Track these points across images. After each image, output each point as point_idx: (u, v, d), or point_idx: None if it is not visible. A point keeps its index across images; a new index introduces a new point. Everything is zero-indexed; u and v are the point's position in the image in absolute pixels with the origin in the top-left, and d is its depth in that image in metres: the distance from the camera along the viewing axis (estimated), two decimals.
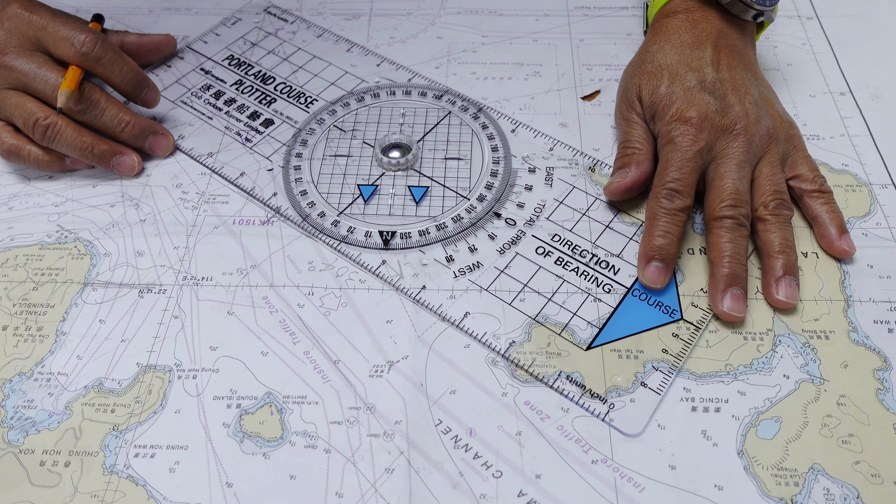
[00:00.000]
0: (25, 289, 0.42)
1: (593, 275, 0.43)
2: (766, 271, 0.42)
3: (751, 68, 0.48)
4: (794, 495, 0.35)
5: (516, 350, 0.40)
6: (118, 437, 0.37)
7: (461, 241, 0.45)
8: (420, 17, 0.60)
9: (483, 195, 0.47)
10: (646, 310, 0.41)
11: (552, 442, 0.37)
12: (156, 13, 0.60)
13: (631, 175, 0.45)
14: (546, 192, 0.47)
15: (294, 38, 0.58)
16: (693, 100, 0.44)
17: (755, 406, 0.38)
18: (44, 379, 0.39)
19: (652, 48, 0.49)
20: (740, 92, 0.45)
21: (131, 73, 0.48)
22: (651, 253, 0.42)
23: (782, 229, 0.42)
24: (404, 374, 0.39)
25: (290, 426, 0.37)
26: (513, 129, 0.51)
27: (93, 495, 0.35)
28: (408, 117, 0.52)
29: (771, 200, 0.43)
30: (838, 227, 0.44)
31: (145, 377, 0.39)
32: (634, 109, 0.48)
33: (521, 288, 0.42)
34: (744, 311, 0.40)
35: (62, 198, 0.47)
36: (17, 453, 0.36)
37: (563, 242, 0.44)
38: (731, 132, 0.44)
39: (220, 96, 0.53)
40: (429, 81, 0.54)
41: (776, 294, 0.41)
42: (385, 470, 0.36)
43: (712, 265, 0.41)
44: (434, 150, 0.50)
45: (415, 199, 0.47)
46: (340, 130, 0.51)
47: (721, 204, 0.42)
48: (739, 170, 0.43)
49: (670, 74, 0.46)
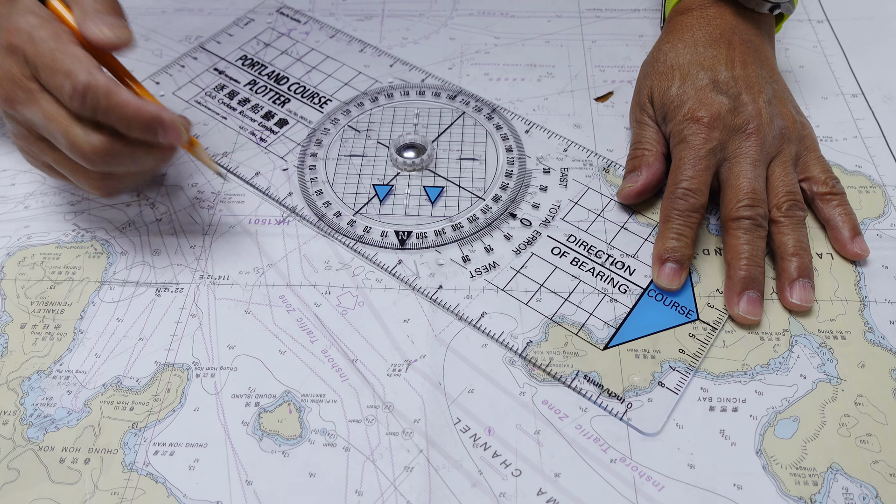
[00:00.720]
0: (43, 287, 0.42)
1: (609, 275, 0.43)
2: (780, 274, 0.42)
3: (766, 64, 0.48)
4: (813, 494, 0.35)
5: (533, 350, 0.40)
6: (137, 435, 0.37)
7: (477, 241, 0.45)
8: (432, 18, 0.60)
9: (498, 195, 0.47)
10: (662, 310, 0.41)
11: (571, 441, 0.37)
12: (168, 13, 0.61)
13: (642, 178, 0.45)
14: (561, 192, 0.47)
15: (307, 39, 0.58)
16: (705, 100, 0.44)
17: (773, 406, 0.38)
18: (62, 377, 0.39)
19: (665, 47, 0.49)
20: (754, 90, 0.45)
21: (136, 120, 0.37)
22: (665, 255, 0.42)
23: (796, 231, 0.42)
24: (422, 372, 0.39)
25: (308, 424, 0.37)
26: (527, 130, 0.51)
27: (113, 492, 0.35)
28: (422, 118, 0.52)
29: (784, 202, 0.43)
30: (851, 230, 0.44)
31: (163, 375, 0.39)
32: (646, 111, 0.48)
33: (538, 288, 0.42)
34: (759, 315, 0.40)
35: (78, 196, 0.47)
36: (37, 450, 0.36)
37: (578, 243, 0.45)
38: (743, 131, 0.44)
39: (234, 96, 0.54)
40: (442, 82, 0.54)
41: (790, 297, 0.41)
42: (404, 468, 0.36)
43: (729, 267, 0.41)
44: (449, 150, 0.50)
45: (430, 199, 0.47)
46: (355, 130, 0.51)
47: (738, 204, 0.42)
48: (755, 168, 0.43)
49: (682, 75, 0.46)
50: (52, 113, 0.37)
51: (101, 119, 0.37)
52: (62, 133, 0.37)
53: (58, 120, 0.37)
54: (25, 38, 0.36)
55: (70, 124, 0.37)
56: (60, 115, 0.37)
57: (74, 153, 0.37)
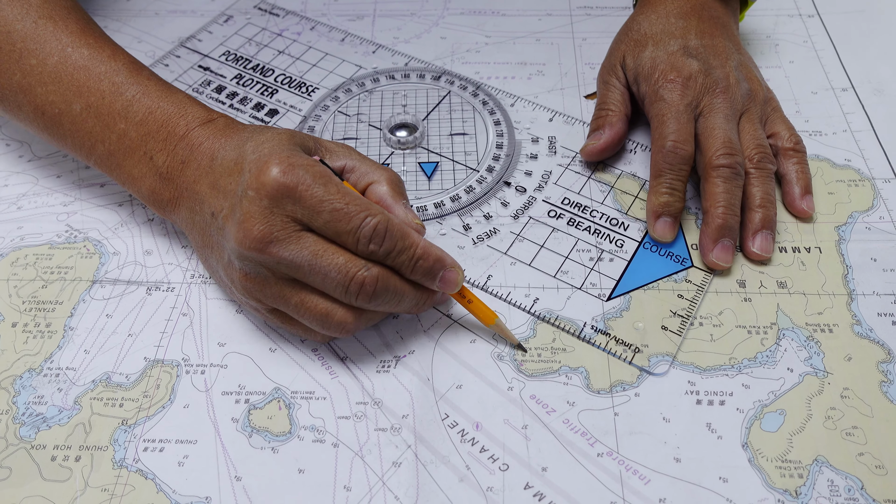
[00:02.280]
0: (35, 287, 0.43)
1: (605, 232, 0.45)
2: (744, 223, 0.44)
3: (732, 38, 0.50)
4: (799, 487, 0.35)
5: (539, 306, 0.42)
6: (127, 432, 0.37)
7: (476, 209, 0.46)
8: (424, 17, 0.61)
9: (491, 166, 0.49)
10: (658, 260, 0.44)
11: (558, 435, 0.37)
12: (161, 15, 0.61)
13: (605, 137, 0.47)
14: (550, 159, 0.49)
15: (288, 32, 0.59)
16: (676, 63, 0.46)
17: (759, 399, 0.38)
18: (52, 374, 0.39)
19: (639, 18, 0.51)
20: (721, 57, 0.47)
21: (423, 261, 0.36)
22: (659, 209, 0.43)
23: (764, 184, 0.44)
24: (411, 368, 0.39)
25: (298, 421, 0.37)
26: (512, 104, 0.53)
27: (103, 489, 0.35)
28: (409, 99, 0.53)
29: (755, 154, 0.45)
30: (803, 188, 0.46)
31: (153, 372, 0.39)
32: (615, 74, 0.50)
33: (538, 250, 0.44)
34: (731, 261, 0.42)
35: (70, 197, 0.48)
36: (29, 449, 0.37)
37: (572, 204, 0.46)
38: (714, 90, 0.46)
39: (221, 90, 0.54)
40: (425, 64, 0.55)
41: (752, 247, 0.43)
42: (393, 463, 0.36)
43: (706, 214, 0.43)
44: (439, 127, 0.51)
45: (426, 174, 0.48)
46: (346, 115, 0.52)
47: (717, 153, 0.43)
48: (727, 122, 0.45)
49: (654, 42, 0.49)
50: (322, 249, 0.35)
51: (389, 260, 0.36)
52: (336, 267, 0.35)
53: (331, 255, 0.35)
54: (297, 178, 0.34)
55: (349, 258, 0.35)
56: (332, 250, 0.35)
57: (349, 286, 0.35)
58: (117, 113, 0.41)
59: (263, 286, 0.36)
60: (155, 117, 0.40)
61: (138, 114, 0.40)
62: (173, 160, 0.40)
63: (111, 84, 0.41)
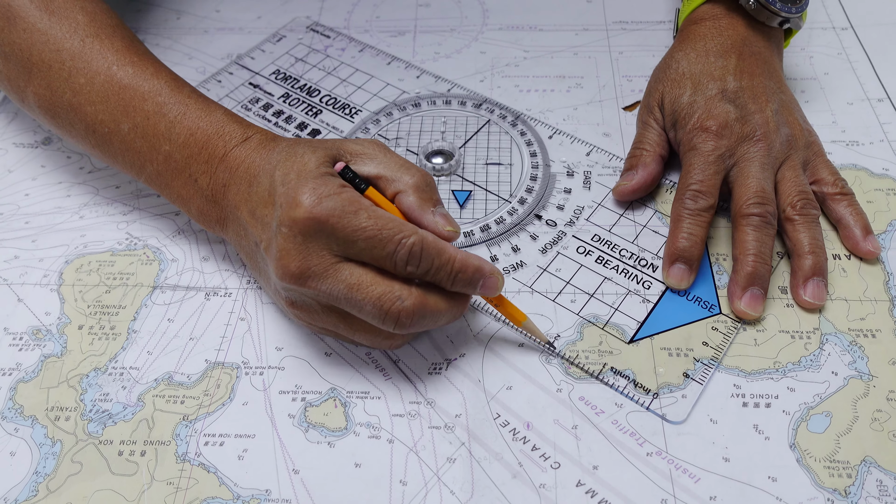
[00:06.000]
0: (99, 292, 0.45)
1: (633, 273, 0.45)
2: (794, 271, 0.43)
3: (774, 76, 0.49)
4: (848, 486, 0.35)
5: (569, 349, 0.41)
6: (188, 427, 0.39)
7: (504, 241, 0.47)
8: (463, 33, 0.62)
9: (524, 198, 0.49)
10: (684, 305, 0.43)
11: (607, 435, 0.38)
12: (210, 33, 0.63)
13: (637, 177, 0.47)
14: (584, 195, 0.49)
15: (337, 53, 0.60)
16: (713, 110, 0.46)
17: (805, 401, 0.38)
18: (117, 373, 0.41)
19: (677, 55, 0.50)
20: (761, 100, 0.47)
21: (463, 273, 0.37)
22: (675, 254, 0.43)
23: (811, 229, 0.44)
24: (462, 370, 0.40)
25: (353, 418, 0.39)
26: (550, 136, 0.53)
27: (168, 482, 0.37)
28: (448, 125, 0.54)
29: (798, 200, 0.44)
30: (863, 229, 0.45)
31: (213, 373, 0.41)
32: (653, 115, 0.50)
33: (563, 286, 0.44)
34: (760, 312, 0.41)
35: (129, 207, 0.50)
36: (97, 444, 0.38)
37: (602, 242, 0.46)
38: (751, 138, 0.45)
39: (268, 108, 0.56)
40: (468, 91, 0.56)
41: (804, 295, 0.42)
42: (447, 459, 0.37)
43: (736, 262, 0.43)
44: (475, 156, 0.52)
45: (459, 202, 0.49)
46: (385, 139, 0.53)
47: (748, 202, 0.43)
48: (763, 171, 0.44)
49: (693, 84, 0.48)
50: (357, 282, 0.35)
51: (428, 277, 0.36)
52: (371, 301, 0.35)
53: (366, 288, 0.35)
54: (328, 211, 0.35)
55: (384, 290, 0.35)
56: (368, 281, 0.35)
57: (385, 319, 0.35)
58: (161, 135, 0.42)
59: (309, 312, 0.38)
60: (196, 139, 0.41)
61: (181, 136, 0.41)
62: (216, 183, 0.41)
63: (154, 104, 0.42)
